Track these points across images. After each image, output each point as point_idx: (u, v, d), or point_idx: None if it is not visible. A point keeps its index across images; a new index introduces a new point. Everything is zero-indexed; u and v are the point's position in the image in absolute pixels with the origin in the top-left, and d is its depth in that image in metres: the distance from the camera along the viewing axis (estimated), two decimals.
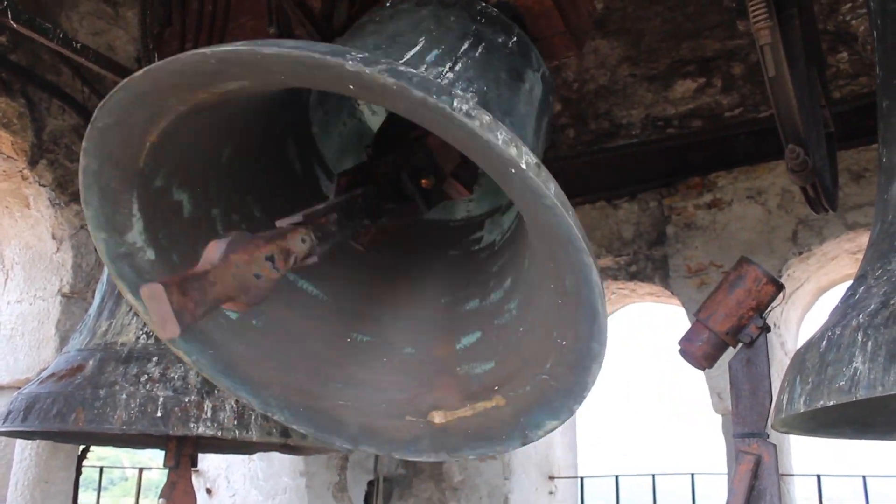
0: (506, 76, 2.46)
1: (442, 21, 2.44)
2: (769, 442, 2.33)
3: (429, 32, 2.38)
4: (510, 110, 2.39)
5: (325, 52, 1.57)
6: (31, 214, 4.39)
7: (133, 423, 3.15)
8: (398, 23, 2.44)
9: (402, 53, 2.24)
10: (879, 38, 2.33)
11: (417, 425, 2.36)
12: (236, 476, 6.27)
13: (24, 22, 2.77)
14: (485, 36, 2.46)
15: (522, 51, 2.58)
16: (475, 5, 2.53)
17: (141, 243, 2.15)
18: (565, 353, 2.05)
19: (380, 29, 2.45)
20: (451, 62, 2.30)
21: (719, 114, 5.35)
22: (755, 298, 2.37)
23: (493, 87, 2.36)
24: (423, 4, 2.49)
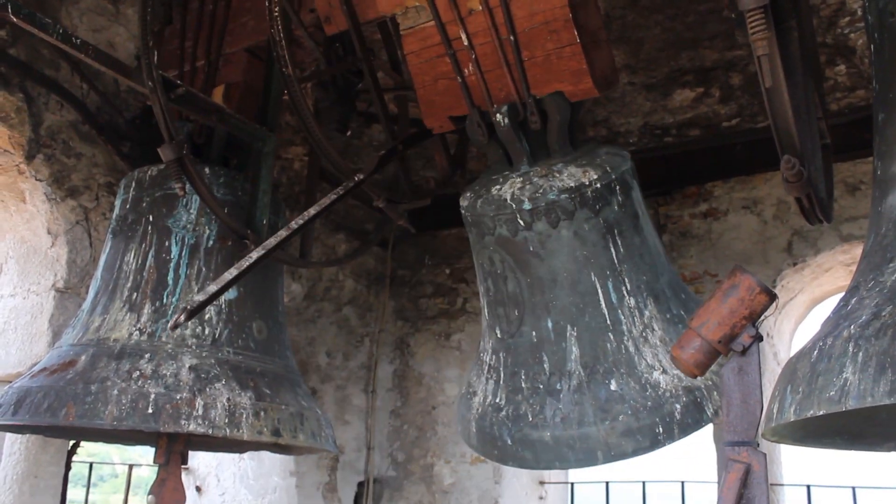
0: (636, 237, 3.12)
1: (584, 238, 3.04)
2: (759, 451, 2.33)
3: (587, 262, 3.04)
4: (655, 266, 3.14)
5: (646, 447, 2.80)
6: (27, 209, 4.38)
7: (124, 419, 3.15)
8: (559, 259, 3.05)
9: (599, 307, 3.01)
10: (877, 52, 2.34)
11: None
12: (226, 474, 6.26)
13: (24, 17, 2.76)
14: (610, 220, 3.07)
15: (624, 191, 3.14)
16: (586, 193, 3.03)
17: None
18: None
19: (551, 271, 3.08)
20: (622, 284, 3.03)
21: (717, 123, 5.36)
22: (748, 308, 2.37)
23: (642, 265, 3.10)
24: (556, 223, 3.03)
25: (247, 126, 3.77)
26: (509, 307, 3.19)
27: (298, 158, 5.77)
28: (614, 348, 2.96)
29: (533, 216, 3.06)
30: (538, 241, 3.08)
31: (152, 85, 3.13)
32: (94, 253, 4.40)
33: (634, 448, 2.79)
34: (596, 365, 2.95)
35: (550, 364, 3.04)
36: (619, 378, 2.90)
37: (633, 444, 2.79)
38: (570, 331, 3.02)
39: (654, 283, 3.10)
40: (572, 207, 3.02)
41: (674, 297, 3.14)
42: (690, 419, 2.80)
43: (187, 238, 3.68)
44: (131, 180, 3.90)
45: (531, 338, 3.11)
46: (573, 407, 2.91)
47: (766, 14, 2.04)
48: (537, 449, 2.96)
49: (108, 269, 3.74)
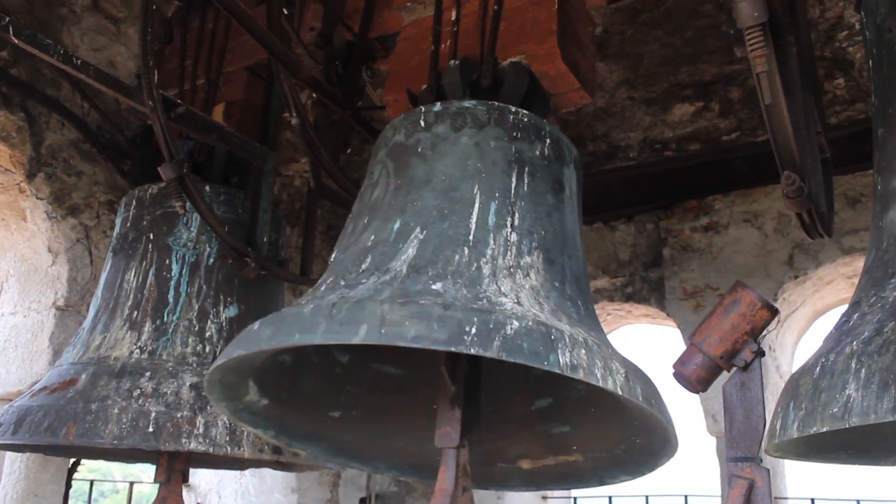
0: (552, 197, 2.64)
1: (484, 151, 2.57)
2: (763, 466, 2.32)
3: (478, 175, 2.51)
4: (564, 239, 2.60)
5: (444, 341, 1.88)
6: (28, 227, 4.38)
7: (124, 438, 3.14)
8: (445, 162, 2.56)
9: (467, 220, 2.41)
10: (875, 68, 2.35)
11: (509, 470, 2.82)
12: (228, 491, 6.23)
13: (25, 38, 2.78)
14: (525, 155, 2.62)
15: (556, 152, 2.75)
16: (507, 118, 2.65)
17: (256, 398, 2.60)
18: (638, 447, 2.49)
19: (430, 172, 2.56)
20: (510, 215, 2.46)
21: (717, 137, 5.37)
22: (750, 323, 2.37)
23: (547, 221, 2.56)
24: (459, 129, 2.61)
25: (247, 144, 3.78)
26: (360, 218, 2.58)
27: (299, 175, 5.78)
28: (462, 261, 2.27)
29: (438, 118, 2.63)
30: (431, 142, 2.59)
31: (153, 104, 3.13)
32: (95, 271, 4.41)
33: (418, 334, 1.89)
34: (427, 267, 2.24)
35: (370, 263, 2.33)
36: (450, 284, 2.17)
37: (418, 329, 1.89)
38: (418, 233, 2.36)
39: (554, 250, 2.51)
40: (485, 120, 2.60)
41: (572, 280, 2.53)
42: (527, 345, 1.94)
43: (188, 256, 3.68)
44: (132, 199, 3.90)
45: (365, 243, 2.43)
46: (365, 291, 2.16)
47: (764, 31, 2.04)
48: (287, 320, 2.10)
49: (108, 288, 3.74)
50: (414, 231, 2.38)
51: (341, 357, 2.86)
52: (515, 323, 1.96)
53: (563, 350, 1.95)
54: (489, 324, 1.93)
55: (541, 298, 2.28)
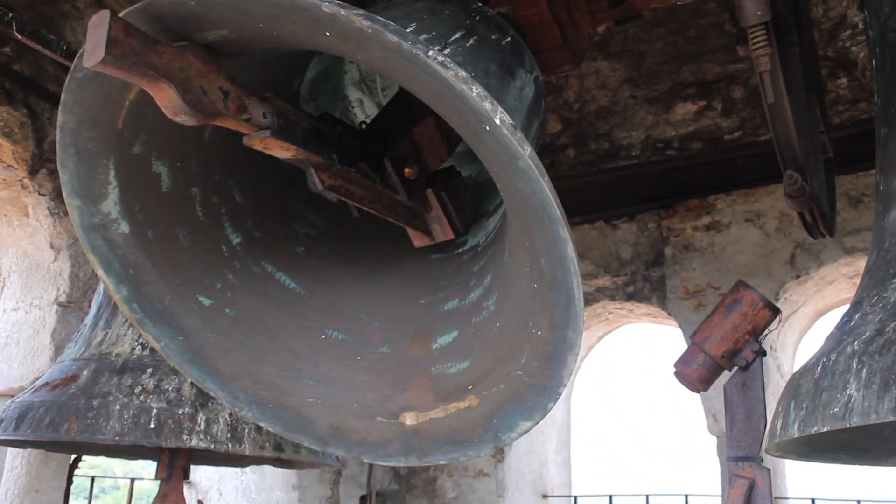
0: (496, 69, 2.39)
1: (435, 13, 2.36)
2: (763, 466, 2.32)
3: (420, 20, 2.29)
4: (497, 100, 2.28)
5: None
6: (30, 223, 4.39)
7: (126, 435, 3.14)
8: (392, 12, 2.36)
9: None
10: (878, 67, 2.34)
11: (388, 427, 2.31)
12: (228, 488, 6.24)
13: (29, 34, 2.78)
14: (478, 31, 2.39)
15: (516, 51, 2.52)
16: (471, 3, 2.47)
17: (116, 214, 2.08)
18: (540, 345, 1.97)
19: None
20: (441, 46, 2.20)
21: (719, 136, 5.37)
22: (751, 322, 2.37)
23: (482, 75, 2.28)
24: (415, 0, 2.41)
25: None
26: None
27: None
28: None
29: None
30: (384, 6, 2.46)
31: None
32: None
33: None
34: None
35: None
36: None
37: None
38: None
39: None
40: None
41: None
42: None
43: None
44: None
45: None
46: None
47: (767, 30, 2.04)
48: None
49: None
50: None
51: (233, 233, 2.38)
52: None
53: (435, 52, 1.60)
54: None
55: None
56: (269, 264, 2.44)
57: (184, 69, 1.56)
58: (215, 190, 2.29)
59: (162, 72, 1.52)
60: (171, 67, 1.54)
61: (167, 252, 2.21)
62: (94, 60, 1.40)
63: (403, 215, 2.28)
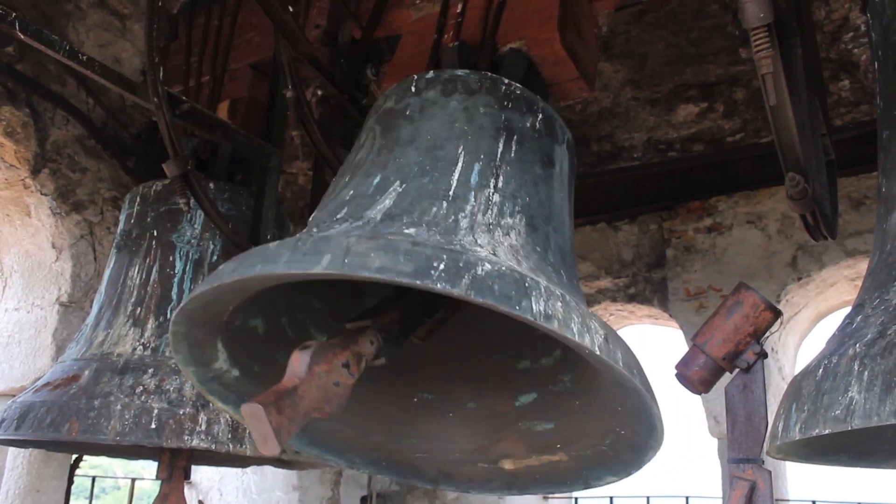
0: (540, 168, 2.60)
1: (472, 116, 2.55)
2: (764, 468, 2.32)
3: (464, 137, 2.48)
4: (550, 211, 2.54)
5: (409, 273, 1.75)
6: (32, 223, 4.39)
7: (127, 435, 3.14)
8: (431, 123, 2.54)
9: (449, 177, 2.36)
10: (881, 70, 2.34)
11: (490, 471, 2.66)
12: (229, 489, 6.24)
13: (31, 34, 2.78)
14: (515, 125, 2.59)
15: (548, 128, 2.71)
16: (499, 87, 2.63)
17: (226, 367, 2.42)
18: (624, 440, 2.32)
19: (416, 132, 2.52)
20: (494, 177, 2.42)
21: (721, 138, 5.37)
22: (753, 324, 2.37)
23: (533, 190, 2.51)
24: (450, 94, 2.60)
25: (251, 142, 3.78)
26: (341, 178, 2.55)
27: (303, 173, 5.78)
28: (440, 214, 2.21)
29: (429, 84, 2.62)
30: (419, 106, 2.57)
31: (157, 101, 3.14)
32: (99, 267, 4.42)
33: (382, 265, 1.77)
34: (402, 216, 2.19)
35: (346, 213, 2.28)
36: (424, 230, 2.13)
37: (382, 260, 1.78)
38: (396, 187, 2.32)
39: (537, 214, 2.44)
40: (476, 87, 2.58)
41: (556, 251, 2.45)
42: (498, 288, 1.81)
43: (191, 253, 3.69)
44: (136, 195, 3.91)
45: (342, 198, 2.38)
46: (334, 232, 2.14)
47: (770, 32, 2.04)
48: (251, 255, 1.99)
49: (112, 284, 3.74)
50: (393, 185, 2.33)
51: (319, 334, 2.70)
52: (488, 266, 1.83)
53: (537, 298, 1.80)
54: (459, 262, 1.80)
55: (519, 257, 2.18)
56: None
57: (320, 386, 1.86)
58: (298, 309, 2.63)
59: (315, 408, 1.83)
60: (314, 396, 1.84)
61: (272, 375, 2.46)
62: (274, 450, 1.66)
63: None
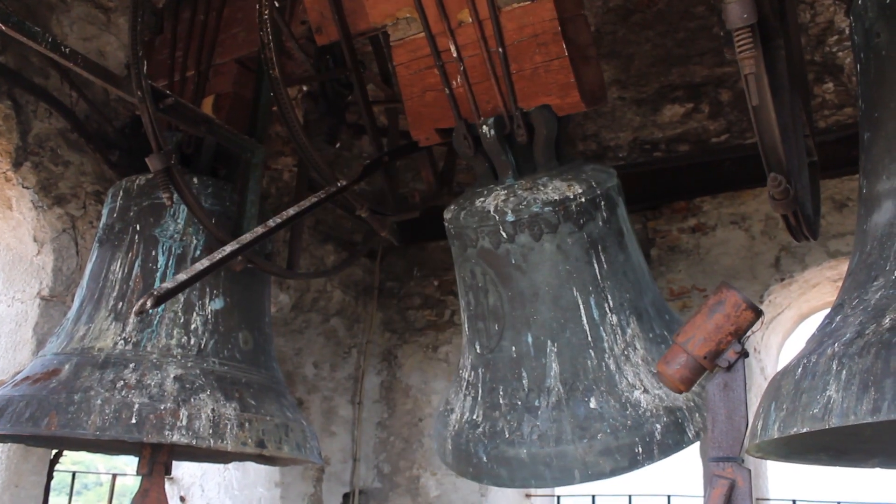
0: (621, 254, 3.11)
1: (566, 252, 3.02)
2: (744, 467, 2.33)
3: (571, 277, 3.02)
4: (639, 284, 3.13)
5: (626, 467, 2.68)
6: (13, 216, 4.35)
7: (107, 429, 3.12)
8: (541, 272, 3.04)
9: (580, 323, 3.00)
10: (862, 72, 2.36)
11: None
12: (211, 485, 6.21)
13: (13, 25, 2.75)
14: (594, 236, 3.05)
15: (610, 205, 3.14)
16: (570, 207, 3.03)
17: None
18: None
19: (533, 284, 3.05)
20: (605, 301, 3.01)
21: (706, 139, 5.39)
22: (734, 324, 2.38)
23: (626, 282, 3.08)
24: (539, 237, 3.02)
25: (235, 137, 3.76)
26: (489, 321, 3.17)
27: (287, 169, 5.76)
28: (594, 365, 2.94)
29: (516, 228, 3.04)
30: (520, 254, 3.06)
31: (141, 94, 3.12)
32: (81, 261, 4.38)
33: (613, 468, 2.74)
34: (575, 382, 2.92)
35: (529, 380, 3.00)
36: (599, 396, 2.87)
37: (611, 464, 2.75)
38: (551, 346, 2.99)
39: (637, 301, 3.08)
40: (556, 221, 3.02)
41: (657, 317, 3.13)
42: (671, 440, 2.76)
43: (174, 248, 3.67)
44: (119, 189, 3.89)
45: (510, 353, 3.08)
46: (551, 424, 2.88)
47: (753, 33, 2.05)
48: (513, 466, 2.92)
49: (94, 278, 3.72)
50: (546, 344, 2.99)
51: None
52: (658, 426, 2.74)
53: (687, 425, 2.76)
54: (646, 438, 2.73)
55: (651, 367, 2.89)
56: None
57: None
58: None
59: None
60: None
61: None
62: None
63: None
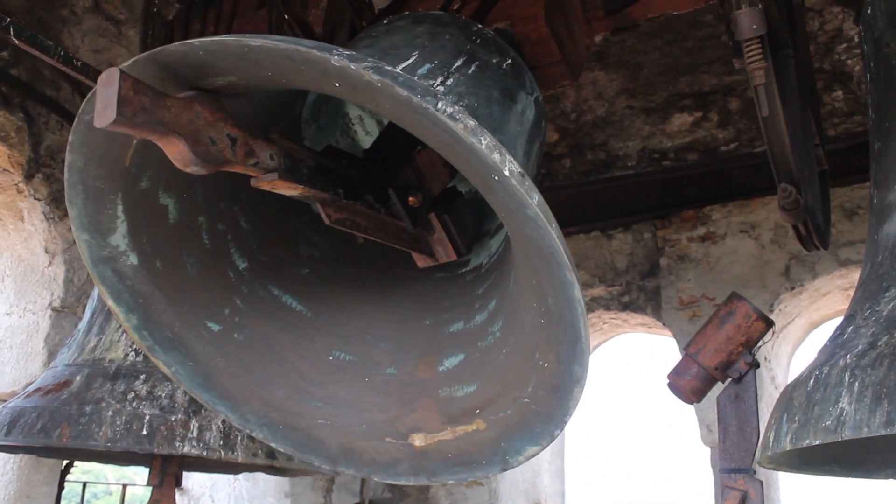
0: (498, 95, 2.48)
1: (436, 38, 2.47)
2: (756, 478, 2.32)
3: (422, 48, 2.42)
4: (500, 128, 2.40)
5: (312, 47, 1.56)
6: (25, 228, 4.38)
7: (118, 441, 3.13)
8: (393, 37, 2.47)
9: (394, 65, 2.24)
10: (873, 81, 2.35)
11: (397, 448, 2.35)
12: (221, 495, 6.22)
13: (26, 39, 2.78)
14: (479, 55, 2.48)
15: (516, 73, 2.60)
16: (471, 27, 2.57)
17: (124, 247, 2.12)
18: (547, 376, 2.01)
19: (374, 43, 2.47)
20: (443, 76, 2.32)
21: (715, 147, 5.38)
22: (745, 334, 2.38)
23: (485, 104, 2.38)
24: (420, 22, 2.53)
25: None
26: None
27: None
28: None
29: (402, 18, 2.64)
30: (385, 30, 2.61)
31: None
32: None
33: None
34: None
35: None
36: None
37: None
38: None
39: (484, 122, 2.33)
40: (447, 21, 2.60)
41: None
42: None
43: None
44: None
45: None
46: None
47: (762, 43, 2.05)
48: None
49: None
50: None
51: (239, 257, 2.44)
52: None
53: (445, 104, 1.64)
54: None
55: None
56: (276, 288, 2.47)
57: (192, 121, 1.59)
58: (221, 217, 2.34)
59: (172, 126, 1.54)
60: (181, 120, 1.56)
61: (175, 280, 2.25)
62: (106, 121, 1.41)
63: (407, 240, 2.32)
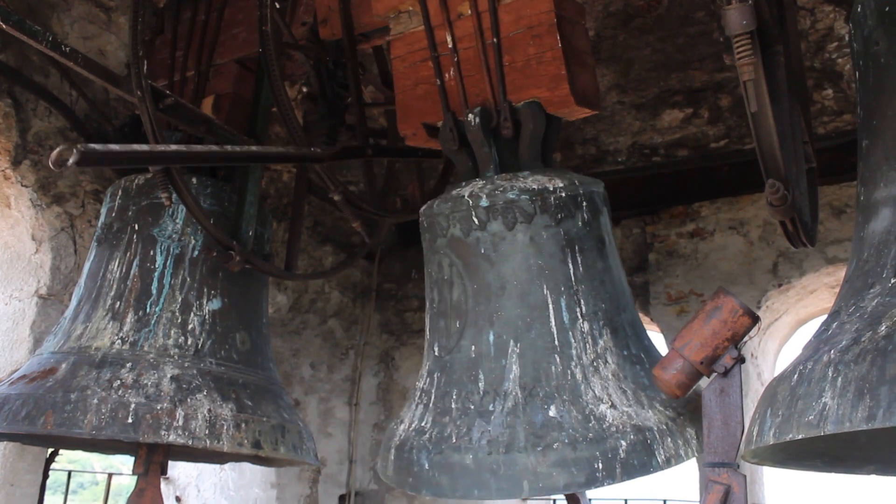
0: (599, 260, 2.92)
1: (540, 246, 2.83)
2: (739, 472, 2.33)
3: (542, 274, 2.82)
4: (616, 297, 2.92)
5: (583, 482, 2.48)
6: (12, 214, 4.35)
7: (103, 429, 3.12)
8: (510, 264, 2.84)
9: (548, 324, 2.76)
10: (861, 80, 2.36)
11: None
12: (207, 485, 6.21)
13: (14, 24, 2.76)
14: (572, 234, 2.87)
15: (592, 209, 2.98)
16: (549, 201, 2.86)
17: None
18: None
19: (500, 277, 2.84)
20: (577, 305, 2.80)
21: (705, 144, 5.40)
22: (731, 329, 2.39)
23: (602, 290, 2.88)
24: (512, 226, 2.84)
25: (235, 137, 3.76)
26: (451, 318, 2.93)
27: (287, 170, 5.76)
28: (559, 372, 2.69)
29: (489, 214, 2.86)
30: (491, 242, 2.86)
31: (141, 94, 3.12)
32: (79, 260, 4.38)
33: (567, 482, 2.47)
34: (536, 387, 2.67)
35: (486, 382, 2.75)
36: (561, 404, 2.62)
37: (565, 478, 2.47)
38: (513, 346, 2.75)
39: (614, 315, 2.86)
40: (532, 210, 2.83)
41: (634, 337, 2.91)
42: (636, 461, 2.49)
43: (172, 248, 3.67)
44: (118, 188, 3.89)
45: (469, 353, 2.84)
46: (503, 430, 2.61)
47: (752, 39, 2.05)
48: (456, 473, 2.63)
49: (91, 277, 3.72)
50: (509, 344, 2.77)
51: None
52: (623, 443, 2.49)
53: (657, 449, 2.51)
54: (608, 454, 2.48)
55: (622, 383, 2.70)
56: None
57: None
58: None
59: None
60: None
61: None
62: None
63: None
